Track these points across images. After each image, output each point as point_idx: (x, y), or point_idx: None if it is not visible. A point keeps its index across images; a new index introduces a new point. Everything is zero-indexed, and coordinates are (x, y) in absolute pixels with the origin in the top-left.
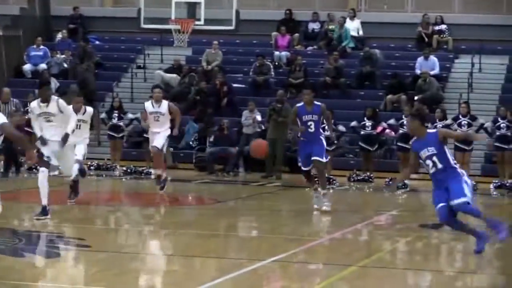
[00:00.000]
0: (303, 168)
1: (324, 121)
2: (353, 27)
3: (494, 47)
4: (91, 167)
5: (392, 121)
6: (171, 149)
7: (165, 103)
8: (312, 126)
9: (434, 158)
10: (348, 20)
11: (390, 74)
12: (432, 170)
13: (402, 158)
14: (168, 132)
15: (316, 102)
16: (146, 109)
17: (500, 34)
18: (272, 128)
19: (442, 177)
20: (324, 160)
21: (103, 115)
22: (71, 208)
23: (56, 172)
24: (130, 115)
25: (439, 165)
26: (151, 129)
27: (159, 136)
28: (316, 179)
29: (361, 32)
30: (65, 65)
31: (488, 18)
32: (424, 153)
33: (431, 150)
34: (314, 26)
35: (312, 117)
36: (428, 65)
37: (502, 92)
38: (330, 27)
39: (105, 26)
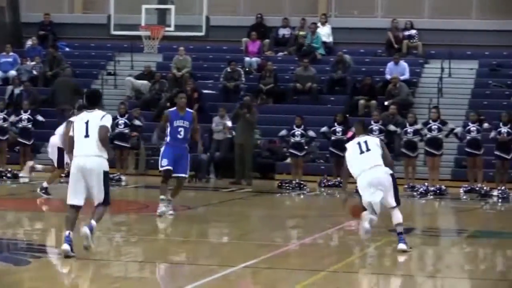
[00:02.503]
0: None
1: None
2: (324, 33)
3: (464, 52)
4: (63, 175)
5: None
6: None
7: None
8: (182, 133)
9: None
10: (319, 26)
11: (360, 79)
12: None
13: None
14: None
15: (188, 109)
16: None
17: (470, 39)
18: (239, 133)
19: None
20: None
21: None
22: (42, 215)
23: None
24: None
25: None
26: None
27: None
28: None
29: (331, 38)
30: (35, 72)
31: (458, 23)
32: None
33: None
34: (284, 32)
35: (183, 123)
36: (398, 70)
37: (472, 97)
38: (301, 33)
39: (75, 33)
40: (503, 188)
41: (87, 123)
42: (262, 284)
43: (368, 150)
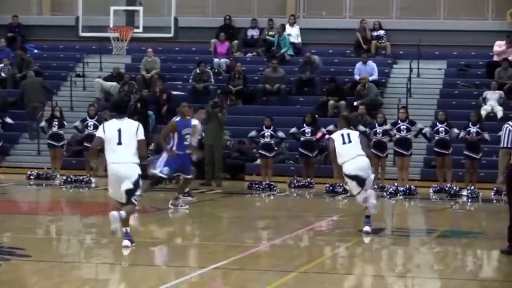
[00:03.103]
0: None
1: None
2: (293, 33)
3: (432, 52)
4: (31, 177)
5: (331, 127)
6: None
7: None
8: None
9: None
10: (287, 26)
11: (329, 79)
12: None
13: None
14: None
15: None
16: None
17: (438, 39)
18: (209, 134)
19: None
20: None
21: (43, 124)
22: (11, 217)
23: None
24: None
25: None
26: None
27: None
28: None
29: (300, 39)
30: (3, 74)
31: (426, 23)
32: None
33: None
34: (253, 32)
35: (189, 130)
36: (366, 70)
37: (440, 97)
38: (270, 33)
39: (43, 35)
40: (472, 188)
41: (119, 131)
42: (232, 286)
43: (349, 141)
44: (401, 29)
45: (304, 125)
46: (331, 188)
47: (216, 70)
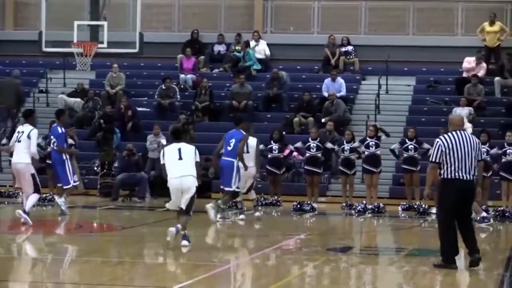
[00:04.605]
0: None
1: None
2: (259, 49)
3: (401, 68)
4: None
5: (299, 144)
6: None
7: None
8: None
9: None
10: (253, 42)
11: (297, 96)
12: None
13: (310, 181)
14: None
15: None
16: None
17: (407, 55)
18: None
19: None
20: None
21: (4, 141)
22: None
23: None
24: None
25: None
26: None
27: None
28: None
29: (268, 52)
30: None
31: (394, 39)
32: None
33: None
34: (220, 48)
35: None
36: (335, 87)
37: (409, 113)
38: (237, 48)
39: (6, 50)
40: None
41: (179, 149)
42: None
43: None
44: (369, 44)
45: (272, 142)
46: (298, 206)
47: (182, 86)
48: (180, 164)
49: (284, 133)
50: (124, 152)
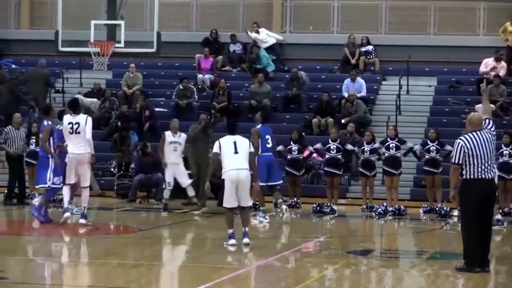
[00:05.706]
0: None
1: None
2: (263, 37)
3: (422, 68)
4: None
5: (318, 145)
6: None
7: (183, 135)
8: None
9: None
10: (253, 34)
11: (316, 96)
12: None
13: (329, 183)
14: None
15: None
16: (166, 139)
17: (428, 55)
18: (197, 151)
19: None
20: None
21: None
22: None
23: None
24: None
25: None
26: (168, 160)
27: (183, 173)
28: None
29: (279, 37)
30: None
31: (415, 39)
32: None
33: None
34: (235, 47)
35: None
36: (355, 87)
37: (431, 114)
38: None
39: (22, 49)
40: None
41: (234, 143)
42: None
43: None
44: (390, 44)
45: (291, 142)
46: (318, 208)
47: (199, 86)
48: (236, 158)
49: (303, 133)
50: (138, 147)
